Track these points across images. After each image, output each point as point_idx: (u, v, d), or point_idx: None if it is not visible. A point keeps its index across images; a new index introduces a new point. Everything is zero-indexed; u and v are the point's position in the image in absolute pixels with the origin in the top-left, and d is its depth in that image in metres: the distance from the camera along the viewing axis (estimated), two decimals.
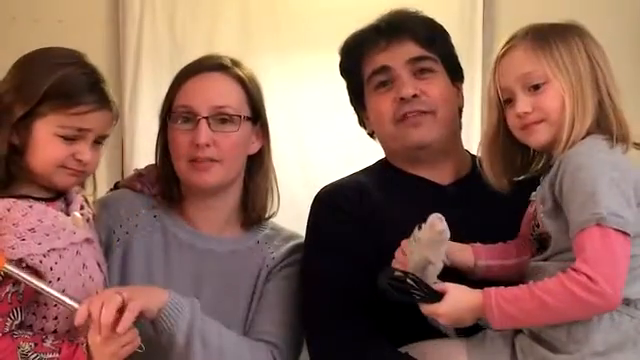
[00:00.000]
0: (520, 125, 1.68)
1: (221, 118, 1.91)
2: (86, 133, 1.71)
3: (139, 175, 2.05)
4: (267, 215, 2.03)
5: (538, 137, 1.67)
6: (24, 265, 1.63)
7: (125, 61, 3.52)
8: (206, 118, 1.89)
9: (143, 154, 3.45)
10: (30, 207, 1.68)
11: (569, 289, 1.52)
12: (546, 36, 1.67)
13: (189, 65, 1.99)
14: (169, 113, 1.95)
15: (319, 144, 3.44)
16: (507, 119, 1.70)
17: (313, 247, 1.94)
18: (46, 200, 1.73)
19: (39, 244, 1.65)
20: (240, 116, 1.92)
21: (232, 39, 3.48)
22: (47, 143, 1.69)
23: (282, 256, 1.99)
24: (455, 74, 1.98)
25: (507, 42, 1.71)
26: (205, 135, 1.89)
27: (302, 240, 2.00)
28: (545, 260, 1.66)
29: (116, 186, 2.14)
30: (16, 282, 1.64)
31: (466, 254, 1.76)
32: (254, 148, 1.98)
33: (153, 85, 3.51)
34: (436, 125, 1.90)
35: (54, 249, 1.67)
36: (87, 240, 1.76)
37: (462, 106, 2.01)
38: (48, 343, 1.66)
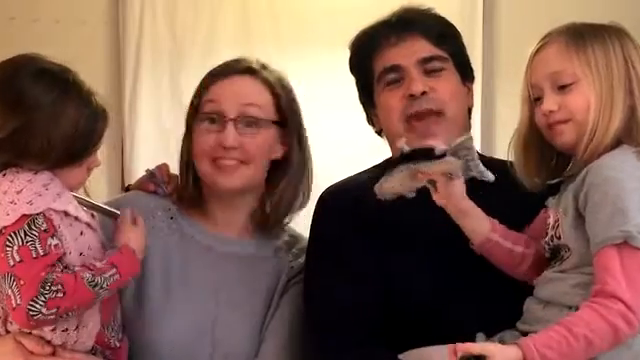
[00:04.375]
0: (546, 124, 1.64)
1: (248, 121, 1.90)
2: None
3: (151, 175, 2.03)
4: (287, 222, 2.00)
5: (564, 137, 1.62)
6: (42, 220, 1.63)
7: (125, 61, 3.53)
8: (233, 120, 1.89)
9: (143, 154, 3.46)
10: (35, 174, 1.67)
11: (612, 324, 1.44)
12: (582, 35, 1.62)
13: (218, 67, 1.97)
14: (196, 114, 1.94)
15: (320, 142, 3.43)
16: (535, 117, 1.67)
17: (315, 257, 1.91)
18: None
19: (54, 201, 1.65)
20: (266, 119, 1.91)
21: (232, 39, 3.49)
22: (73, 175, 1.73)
23: (300, 267, 1.96)
24: (465, 74, 1.96)
25: (543, 38, 1.66)
26: (232, 137, 1.87)
27: None
28: (562, 272, 1.61)
29: (127, 190, 2.13)
30: (54, 234, 1.64)
31: (484, 224, 1.71)
32: (277, 153, 1.95)
33: (153, 85, 3.52)
34: (446, 128, 1.88)
35: (67, 213, 1.67)
36: (89, 225, 1.75)
37: (472, 106, 1.99)
38: (99, 264, 1.66)
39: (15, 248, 1.60)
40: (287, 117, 1.96)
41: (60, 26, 3.45)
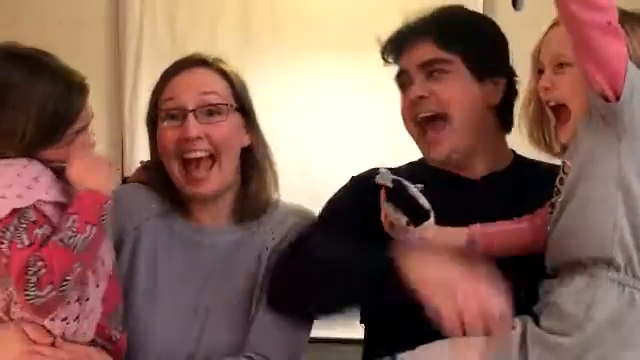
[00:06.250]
0: (544, 100, 1.65)
1: (209, 110, 1.89)
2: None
3: (145, 168, 2.04)
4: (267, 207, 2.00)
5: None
6: (32, 212, 1.63)
7: (125, 61, 3.53)
8: (193, 111, 1.88)
9: (143, 154, 3.45)
10: (29, 161, 1.68)
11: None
12: None
13: (171, 65, 1.98)
14: (156, 113, 1.94)
15: (320, 144, 3.44)
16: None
17: (319, 218, 1.95)
18: None
19: (46, 193, 1.65)
20: (227, 104, 1.91)
21: (232, 39, 3.49)
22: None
23: (282, 235, 1.95)
24: (481, 70, 1.89)
25: None
26: (195, 128, 1.87)
27: (304, 217, 1.98)
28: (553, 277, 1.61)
29: (124, 182, 2.14)
30: (44, 224, 1.63)
31: (460, 230, 1.73)
32: (246, 141, 1.95)
33: (153, 85, 3.51)
34: (454, 135, 1.85)
35: (58, 203, 1.67)
36: None
37: (496, 102, 1.90)
38: (57, 221, 1.65)
39: (6, 244, 1.61)
40: (245, 105, 1.96)
41: (60, 26, 3.46)
